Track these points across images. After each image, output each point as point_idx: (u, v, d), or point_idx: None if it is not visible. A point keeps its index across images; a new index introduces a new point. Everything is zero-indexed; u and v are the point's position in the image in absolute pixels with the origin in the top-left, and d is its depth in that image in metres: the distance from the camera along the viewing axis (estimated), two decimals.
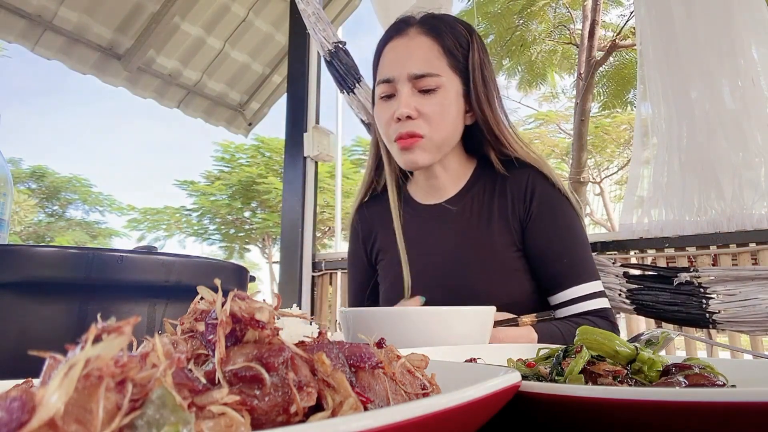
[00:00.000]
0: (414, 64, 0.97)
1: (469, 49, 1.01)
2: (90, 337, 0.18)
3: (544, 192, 1.00)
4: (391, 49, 1.02)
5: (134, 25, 3.01)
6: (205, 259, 0.54)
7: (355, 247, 1.18)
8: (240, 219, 14.82)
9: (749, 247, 1.71)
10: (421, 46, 0.99)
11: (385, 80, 0.99)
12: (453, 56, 0.99)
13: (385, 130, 1.01)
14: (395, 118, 0.97)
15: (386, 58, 1.02)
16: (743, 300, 1.47)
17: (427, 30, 1.00)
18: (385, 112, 1.00)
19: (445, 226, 1.04)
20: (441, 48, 0.99)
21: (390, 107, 0.99)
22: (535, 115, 13.19)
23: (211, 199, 14.46)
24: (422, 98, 0.97)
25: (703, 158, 1.82)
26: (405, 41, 1.00)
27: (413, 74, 0.96)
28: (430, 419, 0.19)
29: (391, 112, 0.98)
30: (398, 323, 0.60)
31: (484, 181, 1.06)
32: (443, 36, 1.00)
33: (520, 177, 1.02)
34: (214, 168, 14.70)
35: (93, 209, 16.64)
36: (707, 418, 0.24)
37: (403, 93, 0.97)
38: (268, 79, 3.60)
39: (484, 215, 1.02)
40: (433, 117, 0.97)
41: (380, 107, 1.02)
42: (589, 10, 8.05)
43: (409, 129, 0.96)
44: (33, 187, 15.86)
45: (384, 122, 1.01)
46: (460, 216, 1.04)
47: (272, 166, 13.84)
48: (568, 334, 0.86)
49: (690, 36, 1.88)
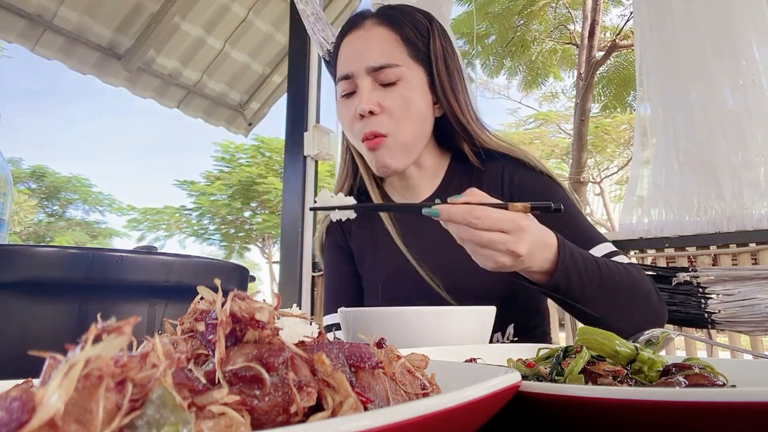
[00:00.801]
0: (371, 56, 0.92)
1: (430, 37, 0.97)
2: (90, 337, 0.18)
3: (522, 179, 0.96)
4: (347, 44, 0.97)
5: (134, 25, 3.01)
6: (205, 259, 0.54)
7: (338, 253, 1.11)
8: (240, 219, 14.83)
9: (749, 247, 1.71)
10: (377, 37, 0.94)
11: (344, 77, 0.95)
12: (413, 45, 0.95)
13: (350, 129, 0.97)
14: (357, 115, 0.92)
15: (343, 54, 0.97)
16: (742, 300, 1.47)
17: (384, 20, 0.96)
18: (347, 111, 0.95)
19: (425, 228, 0.98)
20: (399, 37, 0.94)
21: (352, 104, 0.94)
22: (535, 115, 13.19)
23: (211, 199, 14.47)
24: (384, 92, 0.92)
25: (703, 158, 1.82)
26: (361, 34, 0.96)
27: (371, 67, 0.91)
28: (430, 419, 0.19)
29: (353, 109, 0.93)
30: (398, 323, 0.60)
31: (460, 177, 1.02)
32: (401, 25, 0.95)
33: (494, 170, 0.98)
34: (214, 168, 14.72)
35: (93, 209, 16.65)
36: (707, 418, 0.24)
37: (364, 88, 0.92)
38: (268, 79, 3.61)
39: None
40: (397, 111, 0.91)
41: (342, 106, 0.97)
42: (589, 10, 8.06)
43: (372, 128, 0.91)
44: (33, 187, 15.87)
45: (347, 121, 0.96)
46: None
47: (272, 165, 13.85)
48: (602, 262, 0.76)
49: (690, 36, 1.88)
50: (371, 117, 0.91)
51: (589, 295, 0.73)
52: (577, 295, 0.73)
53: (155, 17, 2.98)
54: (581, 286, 0.72)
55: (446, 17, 2.97)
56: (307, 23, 1.99)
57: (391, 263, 1.00)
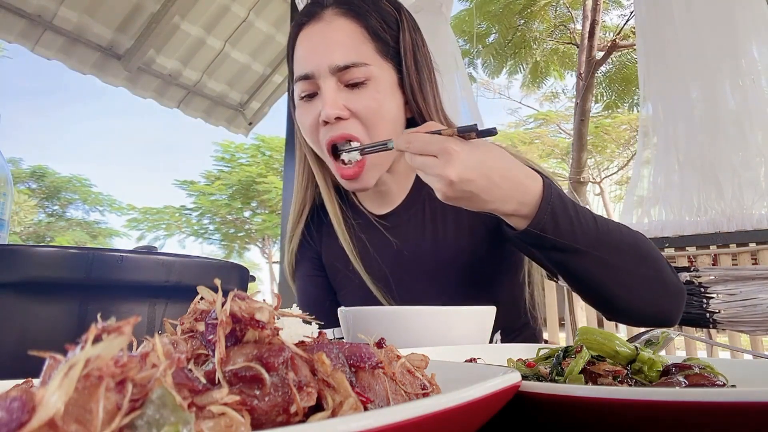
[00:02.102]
0: (335, 54, 0.81)
1: (399, 30, 0.86)
2: (90, 337, 0.18)
3: None
4: (305, 38, 0.85)
5: (134, 25, 3.01)
6: (205, 259, 0.54)
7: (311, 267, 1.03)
8: (240, 219, 14.84)
9: (749, 247, 1.71)
10: (341, 31, 0.83)
11: (303, 76, 0.83)
12: (381, 40, 0.84)
13: (312, 136, 0.85)
14: (321, 121, 0.81)
15: (301, 50, 0.85)
16: (744, 300, 1.47)
17: (346, 11, 0.84)
18: (308, 115, 0.84)
19: (401, 237, 0.94)
20: (365, 31, 0.83)
21: (313, 108, 0.83)
22: (535, 115, 13.19)
23: (211, 199, 14.47)
24: (351, 94, 0.81)
25: (703, 158, 1.82)
26: (321, 27, 0.84)
27: (336, 66, 0.80)
28: (430, 419, 0.19)
29: (315, 114, 0.82)
30: (398, 323, 0.60)
31: None
32: (366, 16, 0.84)
33: None
34: (214, 168, 14.73)
35: (93, 209, 16.67)
36: (707, 418, 0.24)
37: (327, 90, 0.81)
38: (268, 79, 3.61)
39: (439, 219, 0.92)
40: (368, 115, 0.81)
41: (302, 109, 0.86)
42: (589, 10, 8.05)
43: (341, 131, 0.81)
44: (33, 187, 15.88)
45: (308, 127, 0.85)
46: (414, 224, 0.93)
47: (272, 165, 13.86)
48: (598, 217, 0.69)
49: (690, 36, 1.88)
50: (339, 122, 0.81)
51: (583, 245, 0.66)
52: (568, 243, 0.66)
53: (155, 17, 2.98)
54: (571, 231, 0.65)
55: (446, 17, 2.97)
56: None
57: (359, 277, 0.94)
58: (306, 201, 1.00)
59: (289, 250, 1.04)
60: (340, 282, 1.00)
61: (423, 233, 0.93)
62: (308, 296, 1.02)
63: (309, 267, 1.03)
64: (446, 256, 0.91)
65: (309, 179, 0.99)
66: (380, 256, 0.94)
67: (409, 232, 0.94)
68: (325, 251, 1.01)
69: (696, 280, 1.54)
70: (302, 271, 1.03)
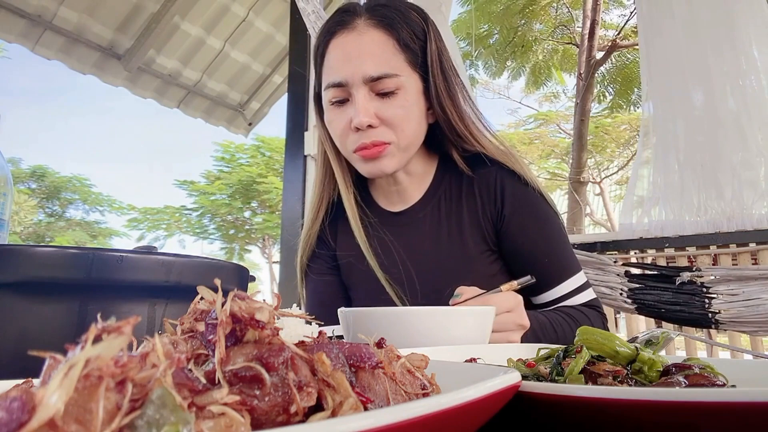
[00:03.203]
0: (369, 65, 0.85)
1: (426, 40, 0.90)
2: (90, 337, 0.18)
3: (515, 192, 0.93)
4: (338, 47, 0.88)
5: (134, 25, 3.01)
6: (205, 259, 0.54)
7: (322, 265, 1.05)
8: (240, 219, 14.84)
9: (749, 247, 1.71)
10: (374, 43, 0.86)
11: (336, 84, 0.87)
12: (410, 51, 0.88)
13: (341, 140, 0.90)
14: (353, 127, 0.86)
15: (334, 58, 0.89)
16: (746, 300, 1.47)
17: (378, 22, 0.87)
18: (339, 121, 0.89)
19: (415, 234, 0.97)
20: (396, 42, 0.87)
21: (344, 114, 0.88)
22: (535, 115, 13.19)
23: (211, 199, 14.47)
24: (381, 102, 0.86)
25: (703, 158, 1.82)
26: (354, 37, 0.87)
27: (369, 76, 0.84)
28: (430, 419, 0.19)
29: (346, 119, 0.87)
30: (398, 323, 0.60)
31: (449, 182, 0.98)
32: (398, 28, 0.87)
33: (487, 177, 0.94)
34: (214, 168, 14.72)
35: (93, 209, 16.66)
36: (707, 418, 0.24)
37: (359, 98, 0.85)
38: (268, 79, 3.61)
39: (453, 220, 0.95)
40: (396, 122, 0.86)
41: (333, 114, 0.90)
42: (589, 10, 8.06)
43: (373, 139, 0.86)
44: (33, 187, 15.87)
45: (339, 132, 0.89)
46: (429, 222, 0.96)
47: (272, 165, 13.85)
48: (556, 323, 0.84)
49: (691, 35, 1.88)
50: (369, 130, 0.86)
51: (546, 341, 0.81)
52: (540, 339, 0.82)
53: (155, 17, 2.98)
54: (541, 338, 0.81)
55: (446, 17, 2.97)
56: (308, 21, 1.98)
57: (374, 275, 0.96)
58: (323, 195, 1.03)
59: (304, 245, 1.04)
60: (355, 279, 1.02)
61: (438, 231, 0.96)
62: (321, 295, 1.04)
63: (323, 265, 1.04)
64: (460, 253, 0.94)
65: (327, 173, 1.01)
66: (395, 252, 0.97)
67: (425, 230, 0.97)
68: (340, 247, 1.03)
69: (698, 280, 1.54)
70: (315, 269, 1.04)
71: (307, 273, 1.06)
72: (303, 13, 2.00)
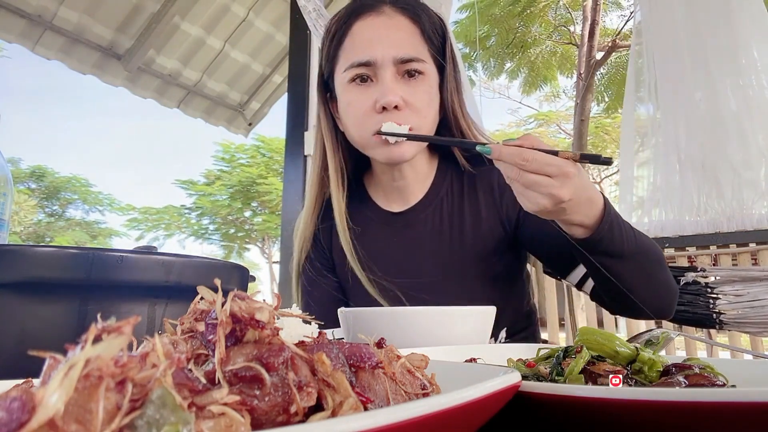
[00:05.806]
0: (400, 46, 0.85)
1: (445, 37, 0.93)
2: (90, 337, 0.18)
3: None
4: (366, 28, 0.88)
5: (134, 25, 3.01)
6: (205, 259, 0.54)
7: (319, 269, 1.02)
8: (240, 219, 14.84)
9: (749, 247, 1.71)
10: (403, 27, 0.88)
11: (363, 63, 0.85)
12: (432, 43, 0.90)
13: (362, 121, 0.87)
14: (379, 107, 0.84)
15: (361, 38, 0.88)
16: (751, 300, 1.47)
17: (404, 9, 0.89)
18: (362, 101, 0.86)
19: (417, 235, 0.96)
20: (421, 32, 0.89)
21: (368, 93, 0.86)
22: (536, 115, 13.20)
23: (211, 199, 14.47)
24: (407, 86, 0.86)
25: (703, 158, 1.82)
26: (383, 20, 0.88)
27: (399, 58, 0.85)
28: (430, 419, 0.19)
29: (371, 99, 0.85)
30: (398, 323, 0.60)
31: (451, 180, 0.98)
32: (422, 19, 0.90)
33: (488, 175, 0.95)
34: (214, 168, 14.72)
35: (93, 209, 16.67)
36: (707, 418, 0.24)
37: (388, 78, 0.84)
38: (268, 79, 3.61)
39: (456, 221, 0.95)
40: (421, 107, 0.86)
41: (353, 94, 0.88)
42: (588, 11, 8.06)
43: (398, 120, 0.84)
44: (33, 187, 15.88)
45: (361, 112, 0.86)
46: (432, 222, 0.96)
47: (272, 166, 13.85)
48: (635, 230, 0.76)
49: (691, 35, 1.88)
50: (394, 111, 0.84)
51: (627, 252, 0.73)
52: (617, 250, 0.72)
53: (155, 17, 2.98)
54: (621, 241, 0.72)
55: (446, 17, 2.98)
56: (309, 19, 1.98)
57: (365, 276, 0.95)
58: (320, 196, 1.02)
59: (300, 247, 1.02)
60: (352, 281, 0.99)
61: (440, 232, 0.95)
62: (314, 300, 1.01)
63: (319, 267, 1.02)
64: (462, 254, 0.93)
65: (323, 167, 1.00)
66: (393, 253, 0.96)
67: (427, 230, 0.96)
68: (336, 248, 1.01)
69: (702, 280, 1.54)
70: (308, 275, 1.02)
71: (302, 275, 1.04)
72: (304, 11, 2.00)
